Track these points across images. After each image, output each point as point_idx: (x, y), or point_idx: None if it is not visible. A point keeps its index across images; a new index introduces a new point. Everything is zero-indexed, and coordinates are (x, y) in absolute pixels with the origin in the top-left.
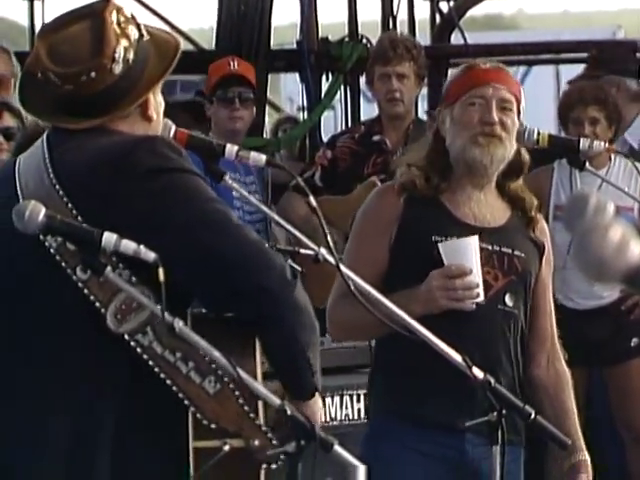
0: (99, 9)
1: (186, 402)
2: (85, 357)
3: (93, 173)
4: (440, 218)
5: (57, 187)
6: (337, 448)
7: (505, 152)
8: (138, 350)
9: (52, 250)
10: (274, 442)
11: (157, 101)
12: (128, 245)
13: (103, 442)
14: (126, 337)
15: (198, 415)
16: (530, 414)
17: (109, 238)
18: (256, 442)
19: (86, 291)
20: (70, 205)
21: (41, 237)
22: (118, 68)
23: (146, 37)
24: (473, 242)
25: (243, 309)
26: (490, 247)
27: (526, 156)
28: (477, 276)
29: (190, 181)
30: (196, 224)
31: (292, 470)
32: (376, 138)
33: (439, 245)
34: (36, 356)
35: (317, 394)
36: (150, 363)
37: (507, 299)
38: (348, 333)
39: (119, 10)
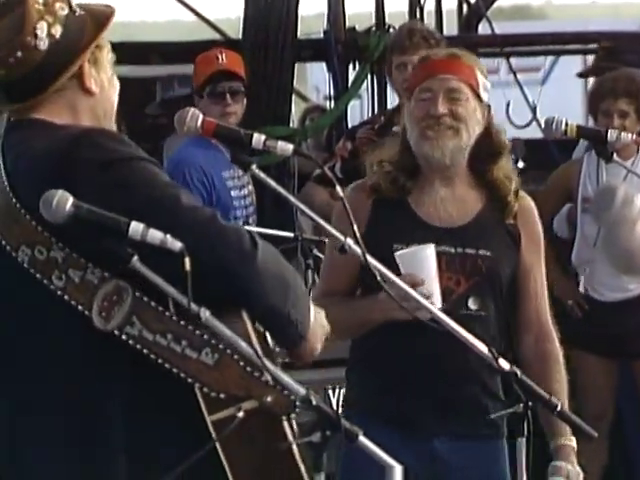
0: None
1: (189, 380)
2: (84, 364)
3: (41, 182)
4: (404, 222)
5: (14, 200)
6: (362, 439)
7: (460, 142)
8: (130, 342)
9: (25, 265)
10: (285, 392)
11: (102, 76)
12: (155, 234)
13: (116, 439)
14: (116, 332)
15: (204, 389)
16: (556, 406)
17: (136, 227)
18: (269, 399)
19: (66, 297)
20: (28, 217)
21: (13, 254)
22: (43, 44)
23: (80, 12)
24: (429, 251)
25: (208, 290)
26: (453, 250)
27: (501, 137)
28: (432, 285)
29: (138, 169)
30: (144, 214)
31: (317, 460)
32: (396, 129)
33: (395, 255)
34: (36, 372)
35: (319, 327)
36: (145, 351)
37: (470, 303)
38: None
39: None
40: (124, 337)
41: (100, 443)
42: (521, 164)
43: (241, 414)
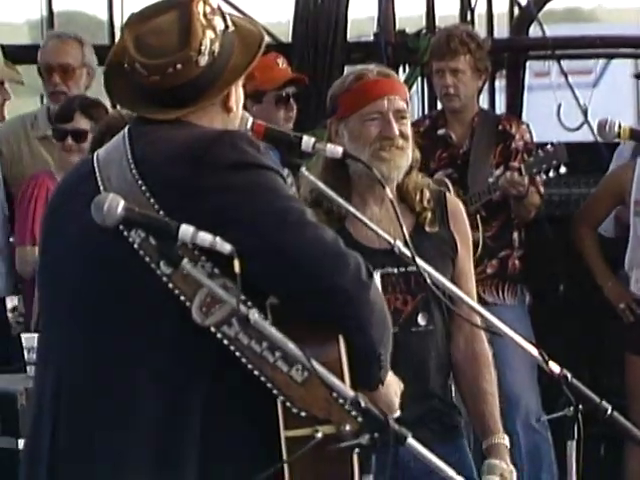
0: (186, 0)
1: (275, 391)
2: (171, 353)
3: (173, 167)
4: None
5: (139, 182)
6: (411, 441)
7: (408, 160)
8: (225, 342)
9: (135, 245)
10: (365, 426)
11: (238, 93)
12: (204, 237)
13: (190, 440)
14: (212, 329)
15: (287, 403)
16: (606, 410)
17: (186, 230)
18: (347, 427)
19: (171, 285)
20: (152, 200)
21: (125, 233)
22: (204, 60)
23: (231, 28)
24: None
25: (316, 308)
26: (395, 270)
27: (415, 152)
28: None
29: (268, 178)
30: (272, 221)
31: (366, 462)
32: (441, 132)
33: None
34: (124, 347)
35: (395, 383)
36: (237, 354)
37: (420, 319)
38: None
39: (205, 1)
40: (219, 335)
41: (173, 443)
42: (563, 169)
43: (319, 436)
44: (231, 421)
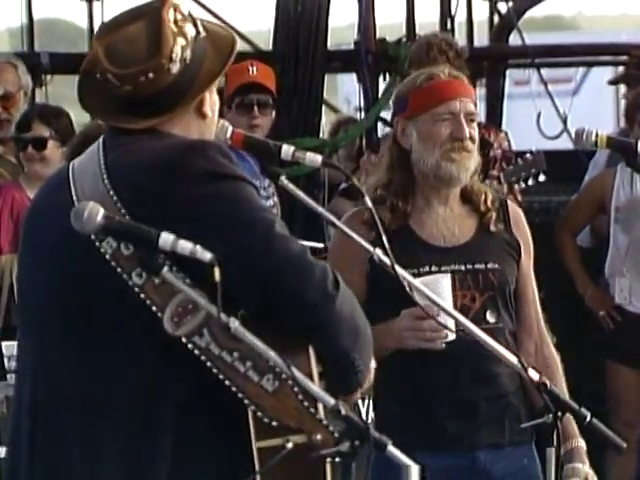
0: (156, 7)
1: (246, 401)
2: (143, 359)
3: (145, 177)
4: (411, 248)
5: (111, 192)
6: (391, 448)
7: (475, 163)
8: (196, 352)
9: (107, 256)
10: (336, 435)
11: (212, 99)
12: (184, 245)
13: (163, 443)
14: (183, 340)
15: (258, 413)
16: (586, 417)
17: (166, 238)
18: (318, 437)
19: (142, 295)
20: (123, 210)
21: (97, 243)
22: (175, 67)
23: (202, 34)
24: (445, 281)
25: (282, 319)
26: (463, 267)
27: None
28: (447, 315)
29: (239, 188)
30: (240, 232)
31: (346, 470)
32: None
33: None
34: (94, 358)
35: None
36: (208, 364)
37: (488, 316)
38: None
39: (176, 8)
40: (190, 346)
41: (146, 445)
42: (542, 177)
43: (290, 446)
44: (205, 429)
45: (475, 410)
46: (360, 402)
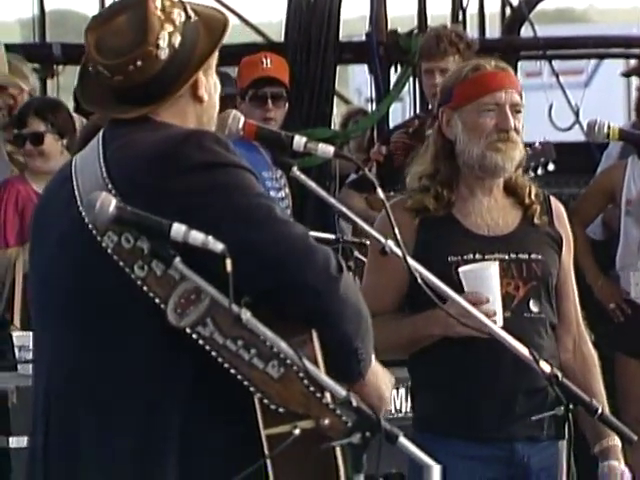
0: None
1: (252, 389)
2: (149, 354)
3: (142, 169)
4: (455, 235)
5: (109, 186)
6: (402, 440)
7: (520, 154)
8: (200, 342)
9: (109, 250)
10: (343, 418)
11: (210, 82)
12: (196, 236)
13: (171, 439)
14: (187, 330)
15: (265, 400)
16: (597, 409)
17: (178, 229)
18: (326, 421)
19: (145, 288)
20: (122, 203)
21: (98, 238)
22: (164, 54)
23: (194, 18)
24: (493, 269)
25: (286, 305)
26: (507, 256)
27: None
28: (495, 303)
29: (237, 176)
30: (239, 219)
31: (357, 461)
32: (430, 132)
33: (459, 271)
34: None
35: (384, 375)
36: (213, 354)
37: (532, 305)
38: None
39: None
40: (194, 336)
41: (154, 441)
42: (551, 167)
43: (297, 432)
44: (212, 421)
45: (514, 402)
46: (395, 391)
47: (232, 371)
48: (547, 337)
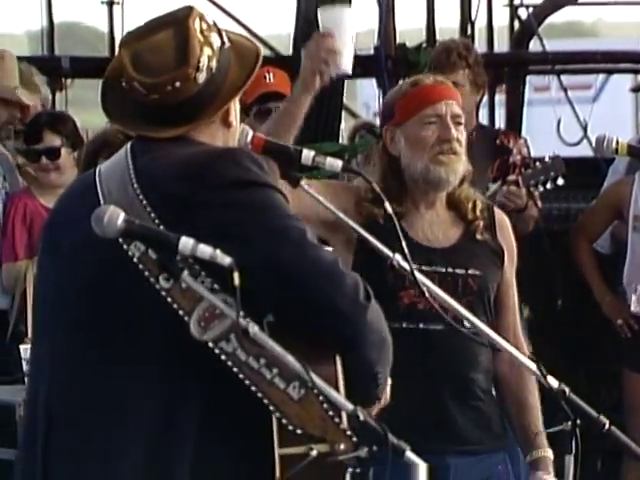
0: (182, 17)
1: (271, 408)
2: (167, 365)
3: (176, 183)
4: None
5: (140, 197)
6: (409, 454)
7: (463, 166)
8: (222, 357)
9: (135, 259)
10: (358, 446)
11: (236, 108)
12: (204, 250)
13: (182, 450)
14: (210, 345)
15: (283, 421)
16: (604, 424)
17: (186, 242)
18: (341, 446)
19: (169, 299)
20: (153, 214)
21: (124, 246)
22: (202, 77)
23: (227, 44)
24: (347, 13)
25: (312, 327)
26: (444, 270)
27: (468, 163)
28: (345, 45)
29: (271, 196)
30: (272, 239)
31: (364, 476)
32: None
33: (318, 10)
34: (115, 361)
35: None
36: (234, 370)
37: (465, 321)
38: None
39: (202, 17)
40: (217, 351)
41: (168, 452)
42: (561, 181)
43: (314, 453)
44: (224, 440)
45: (447, 415)
46: None
47: (253, 388)
48: (482, 352)
